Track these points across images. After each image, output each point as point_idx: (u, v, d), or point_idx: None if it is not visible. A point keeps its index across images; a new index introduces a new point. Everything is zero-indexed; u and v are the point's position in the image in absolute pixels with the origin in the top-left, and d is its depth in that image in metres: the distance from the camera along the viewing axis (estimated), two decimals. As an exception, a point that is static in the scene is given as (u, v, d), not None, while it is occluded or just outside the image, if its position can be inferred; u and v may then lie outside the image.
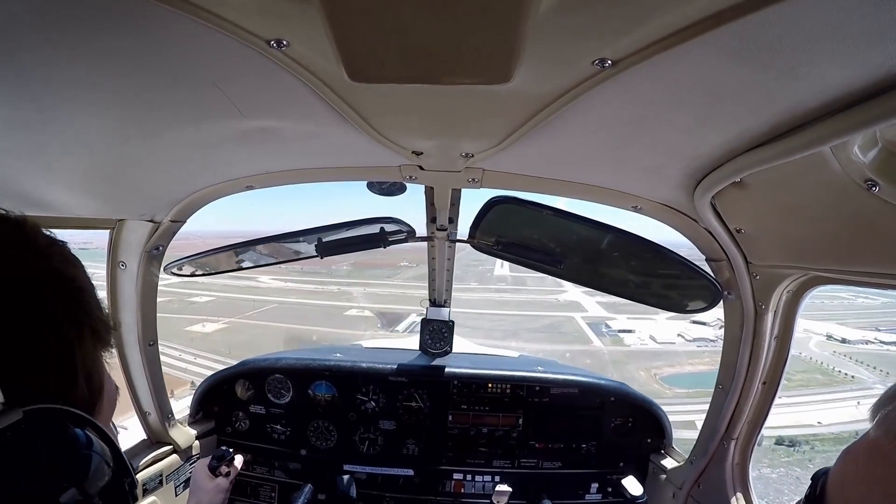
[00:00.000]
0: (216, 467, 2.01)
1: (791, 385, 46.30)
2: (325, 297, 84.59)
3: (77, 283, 0.69)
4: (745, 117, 1.04)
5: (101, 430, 0.64)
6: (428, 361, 2.90)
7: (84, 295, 0.69)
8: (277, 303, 78.84)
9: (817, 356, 54.47)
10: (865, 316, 72.45)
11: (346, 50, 0.78)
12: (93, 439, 0.62)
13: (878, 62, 0.75)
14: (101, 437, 0.63)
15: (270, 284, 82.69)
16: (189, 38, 0.84)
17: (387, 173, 1.77)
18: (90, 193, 1.67)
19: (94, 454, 0.61)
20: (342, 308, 76.50)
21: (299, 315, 71.42)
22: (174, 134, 1.34)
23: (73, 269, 0.69)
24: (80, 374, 0.67)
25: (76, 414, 0.62)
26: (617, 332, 64.39)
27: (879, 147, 1.02)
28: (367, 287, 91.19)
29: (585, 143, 1.38)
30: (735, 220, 1.62)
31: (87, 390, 0.68)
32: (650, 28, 0.76)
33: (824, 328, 60.55)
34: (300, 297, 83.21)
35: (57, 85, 0.97)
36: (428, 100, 1.09)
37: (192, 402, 2.87)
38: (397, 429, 2.82)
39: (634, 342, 60.82)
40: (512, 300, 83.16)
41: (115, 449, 0.65)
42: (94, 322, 0.69)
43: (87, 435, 0.61)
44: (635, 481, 2.32)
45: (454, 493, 2.80)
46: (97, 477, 0.61)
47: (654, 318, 66.98)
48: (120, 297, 2.13)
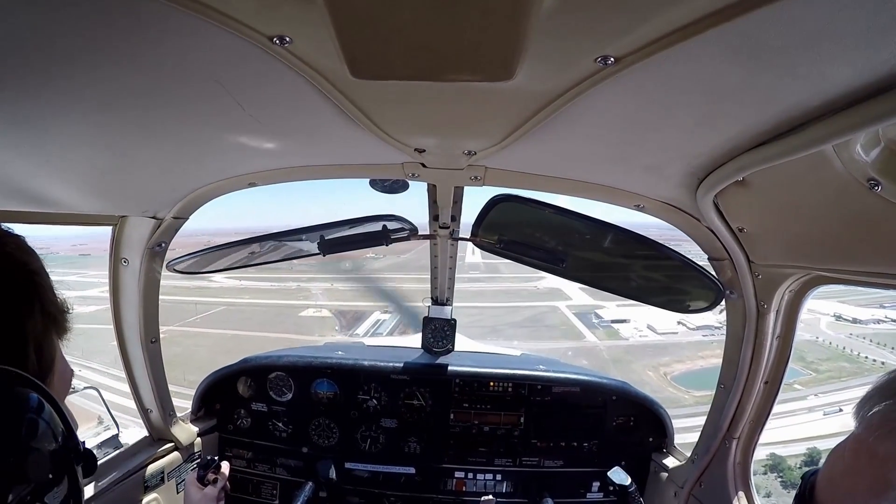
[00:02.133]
0: (203, 476, 2.04)
1: (821, 378, 41.74)
2: (280, 295, 75.96)
3: (29, 266, 0.74)
4: (747, 116, 1.04)
5: (49, 396, 0.66)
6: (430, 360, 2.91)
7: (35, 276, 0.74)
8: (226, 305, 68.87)
9: (833, 339, 49.28)
10: (865, 292, 68.41)
11: (348, 47, 0.78)
12: (42, 402, 0.64)
13: (880, 60, 0.75)
14: (48, 401, 0.65)
15: (223, 284, 73.01)
16: (191, 34, 0.84)
17: (389, 171, 1.77)
18: (92, 190, 1.67)
19: (41, 418, 0.64)
20: (298, 308, 67.89)
21: (247, 318, 62.16)
22: (176, 130, 1.34)
23: (25, 256, 0.74)
24: (30, 347, 0.70)
25: (26, 377, 0.65)
26: (610, 322, 56.95)
27: (882, 146, 1.02)
28: (327, 282, 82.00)
29: (588, 141, 1.38)
30: (737, 219, 1.61)
31: (36, 362, 0.71)
32: (653, 25, 0.76)
33: (829, 307, 55.39)
34: (253, 296, 73.90)
35: (59, 82, 0.97)
36: (431, 97, 1.09)
37: (193, 400, 2.88)
38: (399, 427, 2.82)
39: (632, 334, 53.92)
40: (487, 290, 74.67)
41: (62, 416, 0.67)
42: (46, 303, 0.74)
43: (36, 397, 0.64)
44: (622, 471, 2.29)
45: (455, 492, 2.80)
46: (43, 439, 0.63)
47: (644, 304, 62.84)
48: (122, 294, 2.14)
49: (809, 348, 47.04)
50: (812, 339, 48.36)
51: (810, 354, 45.62)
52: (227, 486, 2.13)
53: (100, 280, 7.62)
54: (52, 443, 0.64)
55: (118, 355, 2.26)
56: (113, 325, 2.20)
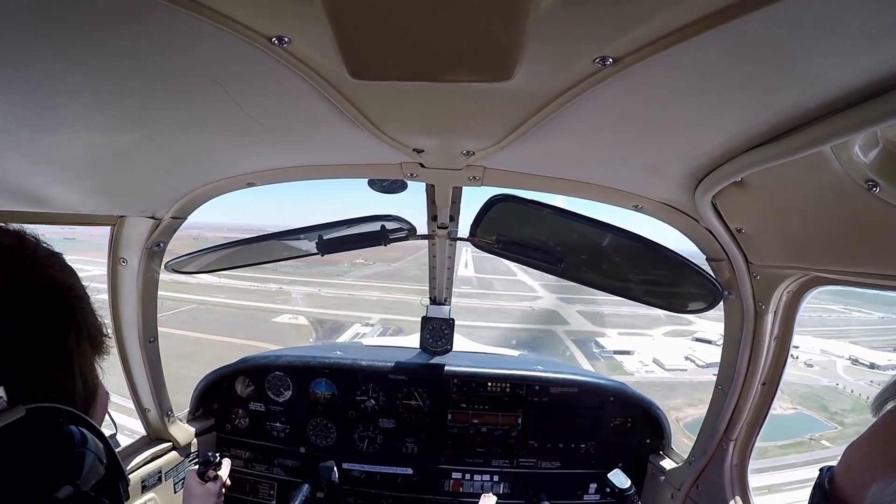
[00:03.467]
0: (204, 472, 2.05)
1: (847, 433, 35.11)
2: (258, 297, 69.20)
3: (74, 291, 0.72)
4: (746, 116, 1.04)
5: (96, 430, 0.66)
6: (428, 360, 2.91)
7: (81, 303, 0.73)
8: (196, 303, 62.82)
9: (853, 386, 44.80)
10: (875, 333, 65.49)
11: (347, 47, 0.78)
12: (89, 437, 0.65)
13: (879, 61, 0.75)
14: (96, 436, 0.66)
15: (200, 280, 65.26)
16: (190, 34, 0.84)
17: (388, 171, 1.77)
18: (91, 190, 1.67)
19: (89, 451, 0.64)
20: (273, 313, 61.25)
21: (215, 320, 55.76)
22: (175, 130, 1.34)
23: (70, 279, 0.72)
24: (77, 378, 0.70)
25: (75, 413, 0.65)
26: (612, 354, 50.58)
27: (880, 147, 1.02)
28: (310, 286, 76.44)
29: (586, 141, 1.38)
30: (736, 219, 1.62)
31: (83, 393, 0.71)
32: (651, 26, 0.76)
33: (842, 349, 52.56)
34: (228, 295, 67.29)
35: (57, 81, 0.97)
36: (429, 97, 1.09)
37: (191, 399, 2.87)
38: (397, 427, 2.82)
39: (637, 368, 47.28)
40: (480, 307, 67.76)
41: (108, 448, 0.67)
42: (91, 329, 0.73)
43: (84, 433, 0.64)
44: (622, 474, 2.29)
45: (453, 492, 2.80)
46: (92, 473, 0.64)
47: (649, 333, 55.85)
48: (121, 294, 2.13)
49: (831, 396, 43.95)
50: (832, 386, 45.29)
51: (833, 404, 42.29)
52: (226, 484, 2.13)
53: (84, 267, 7.28)
54: (102, 479, 0.65)
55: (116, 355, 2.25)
56: (111, 324, 2.19)
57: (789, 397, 39.40)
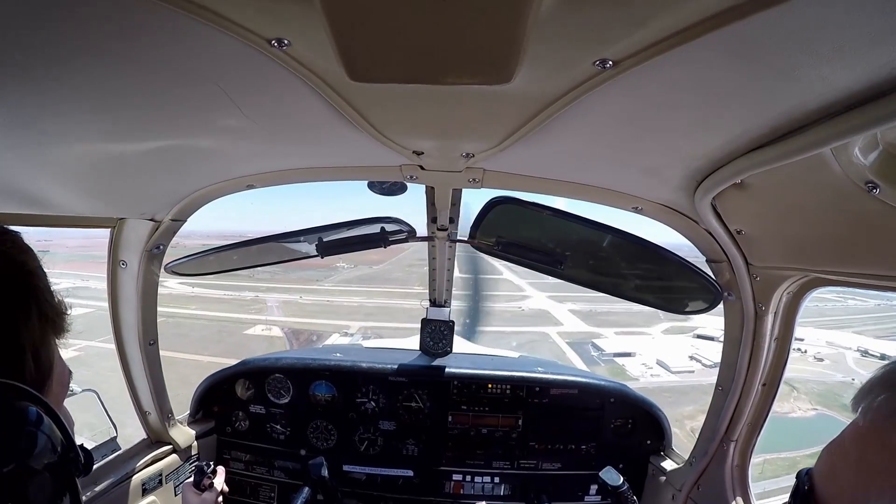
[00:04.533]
0: (199, 481, 2.04)
1: None
2: (231, 307, 63.47)
3: (26, 267, 0.72)
4: (745, 119, 1.04)
5: (47, 406, 0.65)
6: (428, 361, 2.90)
7: (32, 279, 0.72)
8: (165, 316, 51.52)
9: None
10: (875, 321, 62.40)
11: (346, 50, 0.78)
12: (40, 415, 0.63)
13: (879, 64, 0.75)
14: (47, 413, 0.64)
15: (172, 290, 61.91)
16: (190, 37, 0.84)
17: (387, 173, 1.77)
18: (91, 192, 1.67)
19: (40, 431, 0.62)
20: (245, 324, 55.56)
21: (182, 335, 49.32)
22: (175, 133, 1.34)
23: (22, 255, 0.72)
24: (28, 353, 0.69)
25: (23, 389, 0.63)
26: (612, 356, 45.97)
27: (880, 149, 1.02)
28: (288, 293, 70.30)
29: (586, 143, 1.38)
30: (735, 221, 1.62)
31: (34, 369, 0.70)
32: (651, 29, 0.76)
33: (848, 340, 49.05)
34: (200, 306, 61.70)
35: (57, 84, 0.97)
36: (429, 100, 1.09)
37: (192, 402, 2.87)
38: (397, 429, 2.82)
39: (641, 373, 42.50)
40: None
41: (61, 426, 0.66)
42: (43, 305, 0.72)
43: (35, 410, 0.63)
44: (613, 471, 2.28)
45: (453, 494, 2.80)
46: (42, 452, 0.62)
47: (647, 332, 51.67)
48: (120, 296, 2.13)
49: (849, 393, 38.57)
50: (847, 381, 41.29)
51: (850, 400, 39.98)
52: (224, 490, 2.13)
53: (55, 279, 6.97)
54: (51, 456, 0.63)
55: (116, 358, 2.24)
56: (111, 326, 2.19)
57: (807, 397, 37.29)
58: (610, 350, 48.04)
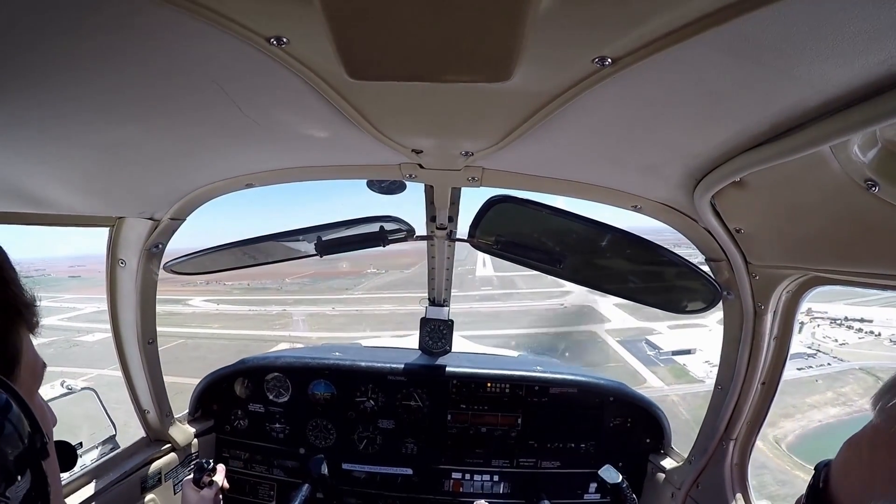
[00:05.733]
0: (199, 479, 2.04)
1: None
2: (256, 322, 61.20)
3: None
4: (744, 116, 1.04)
5: (10, 389, 0.64)
6: (427, 361, 2.91)
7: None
8: (186, 337, 54.65)
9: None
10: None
11: (345, 48, 0.78)
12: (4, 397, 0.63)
13: (877, 61, 0.75)
14: (12, 397, 0.64)
15: (196, 308, 61.97)
16: (188, 35, 0.84)
17: (387, 172, 1.77)
18: (90, 191, 1.67)
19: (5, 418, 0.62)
20: (269, 342, 52.13)
21: (199, 357, 45.69)
22: (173, 131, 1.34)
23: None
24: None
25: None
26: (671, 355, 39.98)
27: (879, 147, 1.02)
28: (317, 305, 67.71)
29: (585, 141, 1.38)
30: (734, 219, 1.62)
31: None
32: (650, 26, 0.76)
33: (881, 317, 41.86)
34: (224, 324, 59.43)
35: (56, 83, 0.97)
36: (428, 98, 1.09)
37: (191, 401, 2.87)
38: (396, 428, 2.82)
39: (705, 373, 36.12)
40: (504, 311, 58.09)
41: (26, 410, 0.65)
42: (9, 297, 0.72)
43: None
44: (612, 469, 2.28)
45: (453, 493, 2.80)
46: (8, 438, 0.61)
47: (702, 323, 43.14)
48: (119, 295, 2.13)
49: None
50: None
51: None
52: (224, 488, 2.13)
53: (76, 306, 6.77)
54: (16, 442, 0.62)
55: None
56: (110, 325, 2.19)
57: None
58: (667, 348, 43.14)
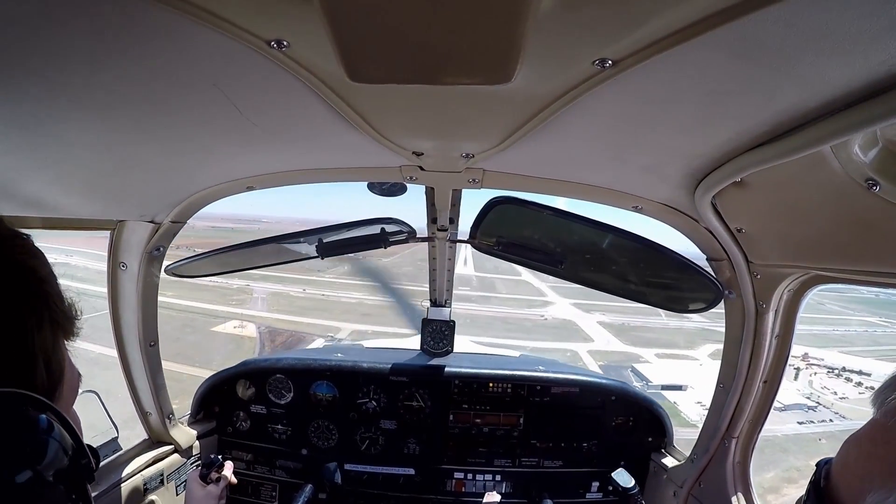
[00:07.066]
0: (206, 475, 2.05)
1: None
2: (214, 295, 56.25)
3: (37, 273, 0.70)
4: (745, 117, 1.04)
5: (59, 414, 0.64)
6: (429, 361, 2.91)
7: (43, 285, 0.71)
8: None
9: None
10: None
11: (345, 50, 0.78)
12: (51, 423, 0.62)
13: (878, 61, 0.75)
14: (59, 421, 0.64)
15: None
16: (189, 38, 0.84)
17: (387, 174, 1.77)
18: (90, 195, 1.67)
19: (51, 438, 0.62)
20: (219, 318, 47.74)
21: None
22: (174, 135, 1.34)
23: (33, 261, 0.71)
24: (39, 360, 0.68)
25: (34, 398, 0.63)
26: (660, 389, 36.09)
27: (880, 146, 1.02)
28: (284, 283, 61.66)
29: (586, 143, 1.38)
30: (736, 219, 1.62)
31: (45, 376, 0.69)
32: (651, 28, 0.76)
33: None
34: (177, 293, 54.51)
35: (57, 86, 0.97)
36: (428, 100, 1.09)
37: (193, 402, 2.87)
38: (398, 428, 2.82)
39: (700, 415, 31.58)
40: (481, 315, 53.29)
41: (73, 432, 0.65)
42: (54, 311, 0.71)
43: (46, 418, 0.62)
44: (626, 473, 2.28)
45: (455, 493, 2.80)
46: (55, 460, 0.61)
47: (691, 355, 42.05)
48: (121, 298, 2.13)
49: None
50: None
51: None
52: (233, 482, 2.13)
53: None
54: (63, 464, 0.62)
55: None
56: (112, 328, 2.19)
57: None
58: (656, 381, 39.78)
